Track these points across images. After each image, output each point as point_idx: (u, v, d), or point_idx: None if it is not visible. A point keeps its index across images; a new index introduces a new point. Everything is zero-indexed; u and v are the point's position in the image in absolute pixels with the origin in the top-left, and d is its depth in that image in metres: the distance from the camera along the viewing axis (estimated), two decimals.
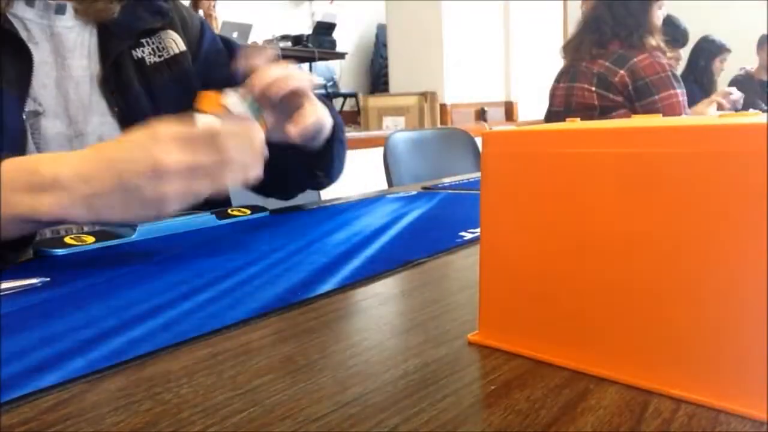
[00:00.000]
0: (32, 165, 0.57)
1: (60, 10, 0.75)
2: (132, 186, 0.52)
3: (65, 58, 0.76)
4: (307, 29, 5.72)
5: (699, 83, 3.43)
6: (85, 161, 0.55)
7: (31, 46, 0.72)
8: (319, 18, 5.72)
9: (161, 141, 0.52)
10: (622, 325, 0.30)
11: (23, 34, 0.72)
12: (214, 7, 4.76)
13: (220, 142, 0.53)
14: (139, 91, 0.79)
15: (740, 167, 0.26)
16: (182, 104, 0.84)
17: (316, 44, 5.16)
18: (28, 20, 0.74)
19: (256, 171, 0.56)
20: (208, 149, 0.53)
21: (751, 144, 0.26)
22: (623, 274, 0.30)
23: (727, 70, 3.73)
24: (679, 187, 0.28)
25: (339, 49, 5.55)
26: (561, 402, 0.28)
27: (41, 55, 0.74)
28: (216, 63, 0.89)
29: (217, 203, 0.86)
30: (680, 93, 1.96)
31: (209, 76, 0.87)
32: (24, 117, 0.71)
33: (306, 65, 5.46)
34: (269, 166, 0.60)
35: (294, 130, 0.69)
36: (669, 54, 2.06)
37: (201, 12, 4.65)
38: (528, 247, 0.34)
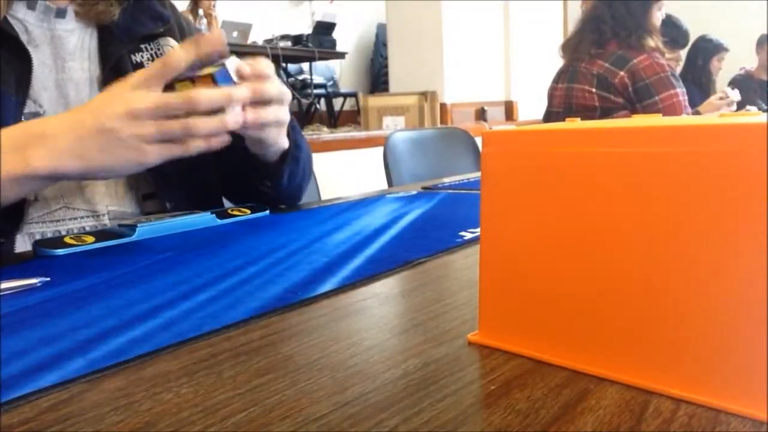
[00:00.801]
0: (22, 126, 0.62)
1: (60, 13, 0.76)
2: (110, 127, 0.58)
3: (65, 60, 0.76)
4: (307, 29, 5.72)
5: (697, 83, 3.44)
6: (70, 114, 0.62)
7: (31, 48, 0.73)
8: (319, 17, 5.72)
9: (136, 88, 0.59)
10: (622, 325, 0.30)
11: (23, 37, 0.73)
12: (214, 6, 4.76)
13: (192, 95, 0.59)
14: None
15: (740, 167, 0.26)
16: None
17: (316, 44, 5.16)
18: (28, 23, 0.74)
19: (233, 120, 0.62)
20: (180, 101, 0.59)
21: (751, 144, 0.26)
22: (623, 274, 0.30)
23: (726, 70, 3.73)
24: (679, 187, 0.28)
25: (339, 48, 5.54)
26: (561, 402, 0.28)
27: (41, 57, 0.74)
28: None
29: (214, 205, 0.86)
30: (680, 92, 1.96)
31: None
32: (23, 118, 0.71)
33: (306, 65, 5.47)
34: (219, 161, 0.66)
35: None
36: (668, 55, 2.07)
37: (201, 12, 4.65)
38: (528, 247, 0.34)
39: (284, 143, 0.77)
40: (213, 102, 0.60)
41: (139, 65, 0.81)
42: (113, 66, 0.78)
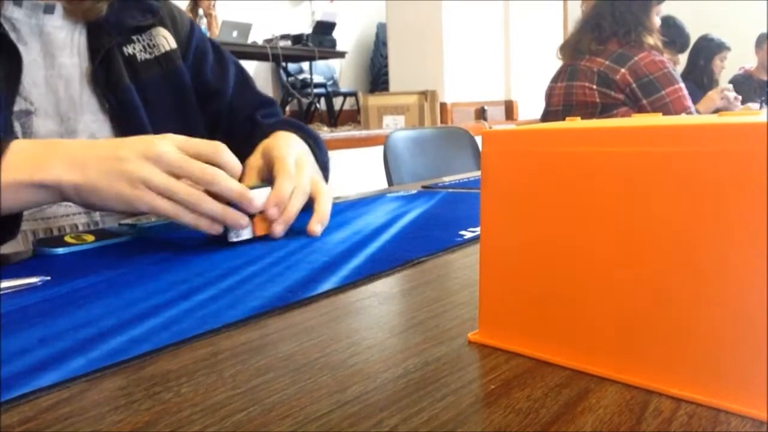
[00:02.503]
0: (45, 141, 0.62)
1: (48, 9, 0.76)
2: (122, 156, 0.58)
3: (55, 56, 0.76)
4: (307, 28, 5.72)
5: (699, 83, 3.43)
6: (99, 145, 0.61)
7: (20, 46, 0.72)
8: (319, 17, 5.72)
9: (172, 143, 0.59)
10: (622, 325, 0.30)
11: (12, 35, 0.72)
12: (213, 6, 4.76)
13: (218, 178, 0.59)
14: (130, 88, 0.80)
15: (740, 167, 0.26)
16: (173, 102, 0.84)
17: (316, 43, 5.15)
18: (16, 20, 0.74)
19: (235, 220, 0.61)
20: (204, 175, 0.59)
21: (751, 144, 0.26)
22: (623, 274, 0.30)
23: (726, 69, 3.73)
24: (679, 187, 0.28)
25: (339, 48, 5.54)
26: (561, 401, 0.28)
27: (31, 54, 0.74)
28: (203, 64, 0.90)
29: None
30: (682, 87, 1.98)
31: (197, 76, 0.88)
32: (13, 117, 0.71)
33: (306, 64, 5.47)
34: None
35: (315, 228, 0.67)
36: (666, 56, 2.07)
37: (201, 11, 4.65)
38: (528, 247, 0.34)
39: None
40: (229, 191, 0.60)
41: (132, 57, 0.81)
42: (103, 59, 0.78)
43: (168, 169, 0.58)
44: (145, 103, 0.81)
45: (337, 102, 5.92)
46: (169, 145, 0.59)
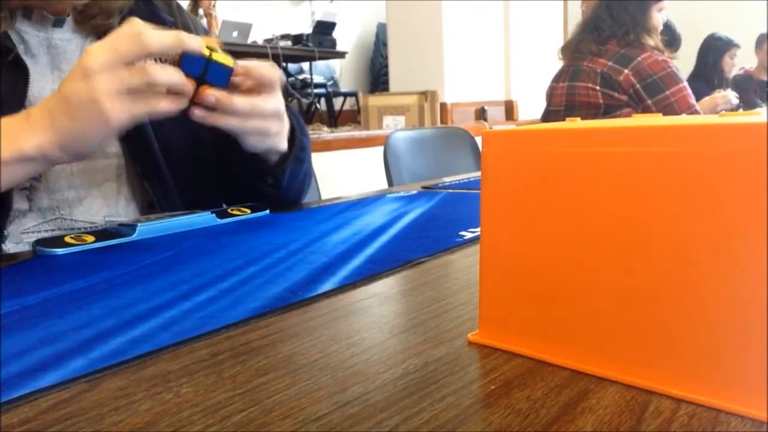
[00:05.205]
0: (16, 115, 0.62)
1: (58, 23, 0.75)
2: (69, 91, 0.58)
3: (62, 70, 0.75)
4: (307, 28, 5.72)
5: (709, 82, 3.42)
6: (48, 98, 0.61)
7: (28, 58, 0.72)
8: (319, 17, 5.72)
9: (89, 50, 0.59)
10: (622, 325, 0.30)
11: (20, 47, 0.72)
12: (214, 6, 4.77)
13: (142, 35, 0.59)
14: None
15: (740, 167, 0.26)
16: (181, 115, 0.84)
17: (316, 43, 5.16)
18: (25, 32, 0.73)
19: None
20: (130, 44, 0.58)
21: (751, 144, 0.26)
22: (623, 274, 0.30)
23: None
24: (679, 187, 0.28)
25: (339, 48, 5.54)
26: (561, 402, 0.28)
27: (39, 67, 0.74)
28: None
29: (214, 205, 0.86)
30: (686, 86, 1.98)
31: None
32: None
33: (306, 64, 5.47)
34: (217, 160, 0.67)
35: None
36: (667, 54, 2.08)
37: (201, 11, 4.65)
38: (528, 247, 0.34)
39: (280, 147, 0.77)
40: (170, 76, 0.60)
41: None
42: None
43: (106, 70, 0.58)
44: (156, 119, 0.80)
45: (337, 102, 5.92)
46: (101, 68, 0.58)
